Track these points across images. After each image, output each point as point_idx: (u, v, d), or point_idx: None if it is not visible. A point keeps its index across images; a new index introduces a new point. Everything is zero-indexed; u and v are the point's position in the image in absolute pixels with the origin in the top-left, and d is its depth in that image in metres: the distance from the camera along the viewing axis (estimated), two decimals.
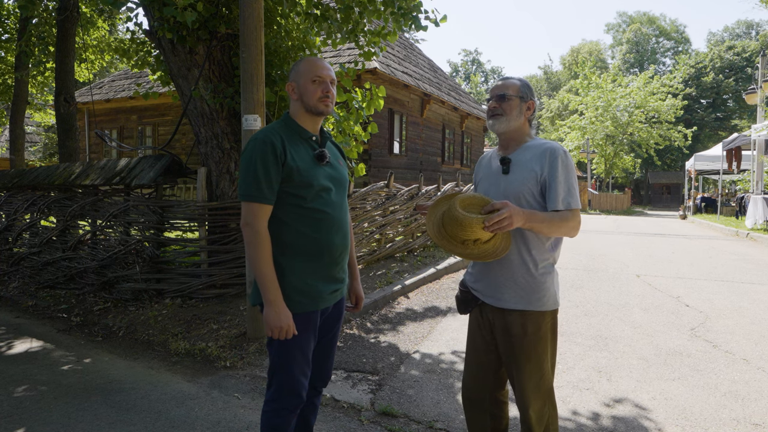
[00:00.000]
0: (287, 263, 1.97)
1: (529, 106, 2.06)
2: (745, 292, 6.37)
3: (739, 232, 13.24)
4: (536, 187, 1.96)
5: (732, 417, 3.08)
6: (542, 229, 1.92)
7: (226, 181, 5.21)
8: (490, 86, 2.18)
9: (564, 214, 1.93)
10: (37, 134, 24.48)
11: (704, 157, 21.45)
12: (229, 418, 3.00)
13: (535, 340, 1.99)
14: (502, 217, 1.80)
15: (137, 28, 5.80)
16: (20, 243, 6.87)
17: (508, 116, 2.03)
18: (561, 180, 1.93)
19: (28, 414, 3.02)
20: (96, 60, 13.35)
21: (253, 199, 1.90)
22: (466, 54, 62.20)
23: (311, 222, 1.98)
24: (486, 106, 2.09)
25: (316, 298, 2.02)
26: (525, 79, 2.10)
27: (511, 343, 2.01)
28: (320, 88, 2.02)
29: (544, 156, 1.96)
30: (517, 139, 2.07)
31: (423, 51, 20.75)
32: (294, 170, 1.94)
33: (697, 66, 44.12)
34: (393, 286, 6.02)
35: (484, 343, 2.13)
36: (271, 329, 1.90)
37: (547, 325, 2.02)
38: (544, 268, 2.00)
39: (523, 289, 1.98)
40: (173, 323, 4.61)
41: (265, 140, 1.92)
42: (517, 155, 2.04)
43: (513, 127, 2.05)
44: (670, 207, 39.33)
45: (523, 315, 1.98)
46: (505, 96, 2.03)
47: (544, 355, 2.01)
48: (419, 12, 5.58)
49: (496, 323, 2.05)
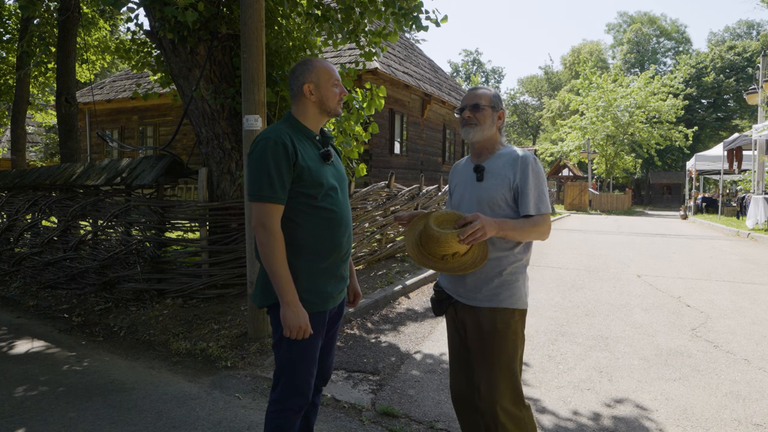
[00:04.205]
0: (299, 264, 1.97)
1: (499, 116, 2.16)
2: (746, 292, 6.36)
3: (740, 233, 13.22)
4: (509, 194, 2.05)
5: (733, 417, 3.08)
6: (515, 235, 2.01)
7: (227, 181, 5.22)
8: (463, 96, 2.23)
9: (535, 219, 2.02)
10: (39, 135, 24.50)
11: (705, 157, 21.42)
12: (230, 418, 3.00)
13: (505, 337, 2.05)
14: (475, 228, 1.90)
15: (138, 28, 5.80)
16: (22, 243, 6.87)
17: (482, 126, 2.12)
18: (532, 186, 2.02)
19: (29, 414, 3.02)
20: (97, 60, 13.35)
21: (267, 200, 1.90)
22: (466, 54, 62.14)
23: (321, 221, 1.99)
24: (459, 114, 2.15)
25: (326, 299, 2.03)
26: (495, 90, 2.20)
27: (481, 340, 2.06)
28: (339, 91, 2.09)
29: (516, 163, 2.05)
30: (490, 148, 2.16)
31: (424, 51, 20.76)
32: (305, 170, 1.94)
33: (698, 66, 44.06)
34: (394, 286, 6.02)
35: (462, 341, 2.20)
36: (290, 330, 1.89)
37: (517, 324, 2.07)
38: (515, 268, 2.08)
39: (494, 287, 2.05)
40: (174, 323, 4.62)
41: (277, 140, 1.91)
42: (490, 163, 2.12)
43: (486, 136, 2.14)
44: (670, 207, 39.29)
45: (493, 311, 2.05)
46: (479, 105, 2.12)
47: (513, 354, 2.06)
48: (420, 12, 5.58)
49: (467, 321, 2.11)
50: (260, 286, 2.06)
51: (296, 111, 2.08)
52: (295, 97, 2.09)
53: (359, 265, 6.88)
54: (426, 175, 14.65)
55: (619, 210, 29.34)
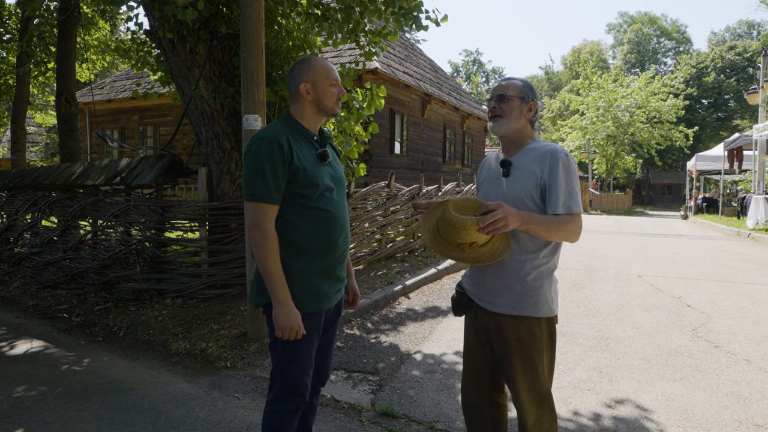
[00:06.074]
0: (294, 263, 1.96)
1: (530, 108, 2.02)
2: (747, 292, 6.35)
3: (741, 233, 13.21)
4: (536, 191, 1.92)
5: (734, 418, 3.07)
6: (539, 231, 1.88)
7: (226, 181, 5.21)
8: (492, 87, 2.17)
9: (563, 218, 1.89)
10: (39, 134, 24.50)
11: (705, 158, 21.40)
12: (229, 418, 3.00)
13: (529, 346, 1.95)
14: (497, 217, 1.78)
15: (138, 28, 5.79)
16: (21, 243, 6.87)
17: (508, 118, 1.99)
18: (562, 183, 1.89)
19: (28, 414, 3.02)
20: (97, 60, 13.36)
21: (261, 200, 1.89)
22: (467, 54, 62.18)
23: (316, 221, 1.98)
24: (486, 106, 2.08)
25: (321, 299, 2.02)
26: (527, 80, 2.07)
27: (505, 348, 1.98)
28: (337, 91, 2.05)
29: (545, 159, 1.92)
30: (519, 142, 2.03)
31: (424, 51, 20.75)
32: (300, 170, 1.93)
33: (699, 66, 44.04)
34: (394, 286, 6.01)
35: (479, 345, 2.11)
36: (281, 330, 1.89)
37: (543, 331, 1.97)
38: (540, 273, 1.95)
39: (516, 294, 1.95)
40: (174, 323, 4.61)
41: (272, 140, 1.90)
42: (517, 158, 2.00)
43: (513, 129, 2.01)
44: (671, 207, 39.26)
45: (516, 320, 1.95)
46: (504, 96, 1.99)
47: (538, 361, 1.97)
48: (420, 12, 5.57)
49: (490, 327, 2.03)
50: (256, 285, 2.05)
51: (294, 110, 2.07)
52: (292, 97, 2.08)
53: (359, 265, 6.87)
54: (426, 176, 14.64)
55: (620, 210, 29.32)
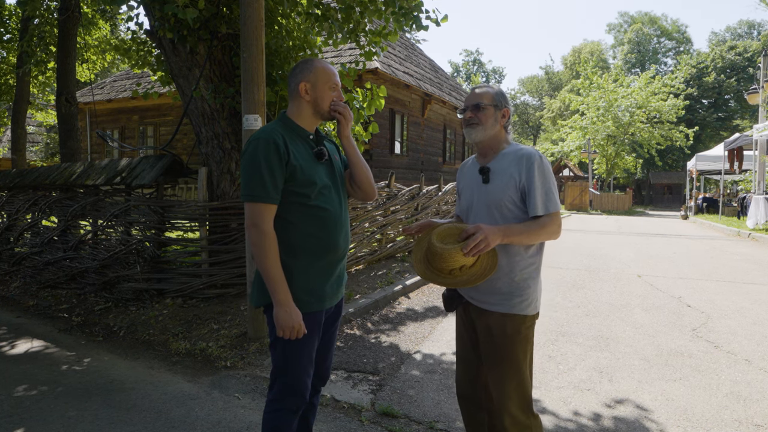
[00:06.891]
0: (294, 263, 1.97)
1: (504, 114, 2.11)
2: (747, 292, 6.35)
3: (741, 233, 13.21)
4: (516, 194, 2.00)
5: (734, 418, 3.07)
6: (522, 240, 1.97)
7: (227, 181, 5.21)
8: (465, 96, 2.20)
9: (542, 221, 1.97)
10: (39, 134, 24.52)
11: (706, 158, 21.40)
12: (229, 418, 3.00)
13: (515, 342, 2.02)
14: (477, 240, 1.87)
15: (138, 28, 5.80)
16: (21, 243, 6.87)
17: (484, 125, 2.07)
18: (538, 185, 1.97)
19: (29, 414, 3.02)
20: (97, 60, 13.36)
21: (259, 200, 1.89)
22: (467, 54, 62.09)
23: (315, 220, 1.98)
24: (461, 115, 2.12)
25: (322, 298, 2.03)
26: (499, 87, 2.15)
27: (491, 344, 2.05)
28: (335, 95, 2.06)
29: (521, 162, 2.00)
30: (495, 147, 2.11)
31: (424, 51, 20.75)
32: (297, 169, 1.93)
33: (699, 66, 44.01)
34: (394, 286, 6.02)
35: (470, 340, 2.19)
36: (282, 329, 1.89)
37: (527, 329, 2.05)
38: (527, 273, 2.04)
39: (505, 293, 2.02)
40: (174, 323, 4.61)
41: (268, 140, 1.91)
42: (495, 163, 2.07)
43: (489, 136, 2.09)
44: (671, 207, 39.24)
45: (503, 317, 2.03)
46: (480, 105, 2.08)
47: (523, 359, 2.04)
48: (420, 12, 5.57)
49: (478, 323, 2.10)
50: (256, 285, 2.05)
51: (291, 110, 2.08)
52: (291, 95, 2.08)
53: (359, 264, 6.88)
54: (426, 175, 14.64)
55: (620, 210, 29.31)
